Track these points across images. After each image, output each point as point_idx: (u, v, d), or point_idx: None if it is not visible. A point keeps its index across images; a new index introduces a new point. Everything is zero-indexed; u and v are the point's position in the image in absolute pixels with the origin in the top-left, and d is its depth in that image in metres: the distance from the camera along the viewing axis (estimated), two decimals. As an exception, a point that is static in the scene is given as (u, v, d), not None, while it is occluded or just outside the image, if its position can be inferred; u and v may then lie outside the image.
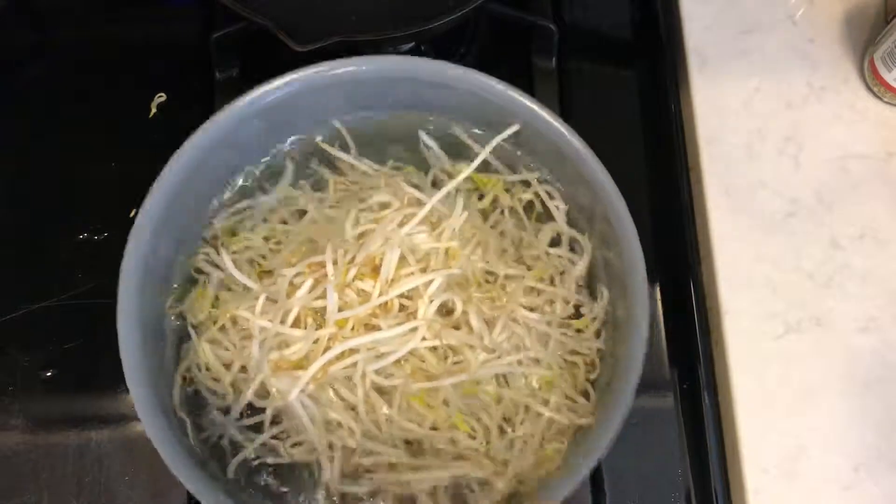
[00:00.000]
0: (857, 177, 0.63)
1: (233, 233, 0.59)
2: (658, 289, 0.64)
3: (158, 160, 0.54)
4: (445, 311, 0.55)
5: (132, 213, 0.64)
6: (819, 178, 0.63)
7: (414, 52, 0.68)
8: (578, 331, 0.57)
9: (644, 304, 0.52)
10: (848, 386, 0.58)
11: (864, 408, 0.57)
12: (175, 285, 0.58)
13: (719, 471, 0.59)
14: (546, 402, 0.54)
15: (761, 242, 0.61)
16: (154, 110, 0.69)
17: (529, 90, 0.68)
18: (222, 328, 0.56)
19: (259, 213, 0.59)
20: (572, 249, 0.59)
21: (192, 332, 0.56)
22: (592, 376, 0.56)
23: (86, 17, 0.73)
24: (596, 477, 0.59)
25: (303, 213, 0.59)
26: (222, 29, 0.67)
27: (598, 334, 0.56)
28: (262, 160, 0.61)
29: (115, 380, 0.51)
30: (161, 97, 0.69)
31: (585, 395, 0.55)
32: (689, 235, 0.64)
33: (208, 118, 0.56)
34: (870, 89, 0.65)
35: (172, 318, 0.57)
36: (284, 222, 0.59)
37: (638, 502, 0.59)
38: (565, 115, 0.67)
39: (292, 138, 0.61)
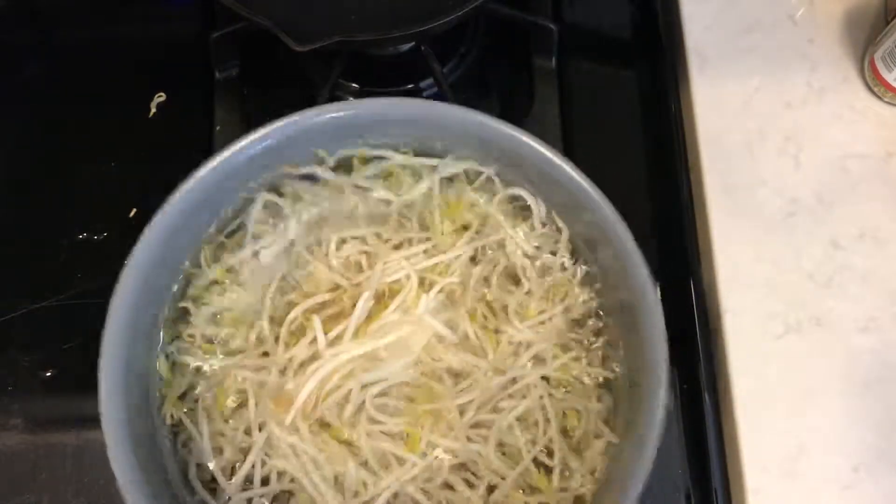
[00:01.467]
0: (857, 177, 0.62)
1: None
2: (658, 289, 0.63)
3: (158, 160, 0.54)
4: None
5: (132, 213, 0.64)
6: (819, 178, 0.63)
7: (413, 51, 0.68)
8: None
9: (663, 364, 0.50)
10: (848, 386, 0.58)
11: (864, 408, 0.57)
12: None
13: (719, 471, 0.59)
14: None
15: (761, 242, 0.61)
16: (154, 110, 0.69)
17: (529, 90, 0.69)
18: (226, 420, 0.54)
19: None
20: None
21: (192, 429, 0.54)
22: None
23: (86, 17, 0.73)
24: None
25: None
26: (222, 29, 0.67)
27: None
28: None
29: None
30: (161, 97, 0.69)
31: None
32: (689, 235, 0.64)
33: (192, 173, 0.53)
34: (870, 89, 0.65)
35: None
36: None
37: (638, 502, 0.59)
38: (565, 115, 0.68)
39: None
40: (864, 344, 0.58)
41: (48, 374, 0.62)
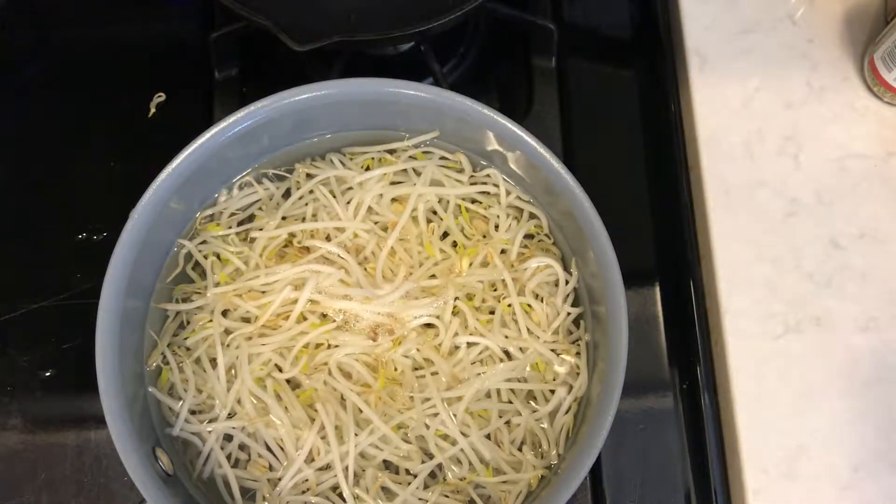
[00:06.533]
0: (857, 177, 0.62)
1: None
2: (658, 289, 0.64)
3: (158, 160, 0.54)
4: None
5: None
6: (819, 177, 0.63)
7: (413, 51, 0.68)
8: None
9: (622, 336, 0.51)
10: (848, 386, 0.58)
11: (864, 408, 0.57)
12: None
13: (719, 471, 0.59)
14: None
15: (761, 242, 0.61)
16: (153, 110, 0.69)
17: (529, 90, 0.69)
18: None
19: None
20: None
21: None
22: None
23: (86, 17, 0.73)
24: (596, 477, 0.59)
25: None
26: (222, 29, 0.67)
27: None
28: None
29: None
30: (161, 97, 0.69)
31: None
32: (689, 235, 0.64)
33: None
34: (870, 89, 0.65)
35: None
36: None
37: (638, 502, 0.59)
38: (565, 115, 0.68)
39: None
40: (864, 344, 0.58)
41: (48, 374, 0.62)
